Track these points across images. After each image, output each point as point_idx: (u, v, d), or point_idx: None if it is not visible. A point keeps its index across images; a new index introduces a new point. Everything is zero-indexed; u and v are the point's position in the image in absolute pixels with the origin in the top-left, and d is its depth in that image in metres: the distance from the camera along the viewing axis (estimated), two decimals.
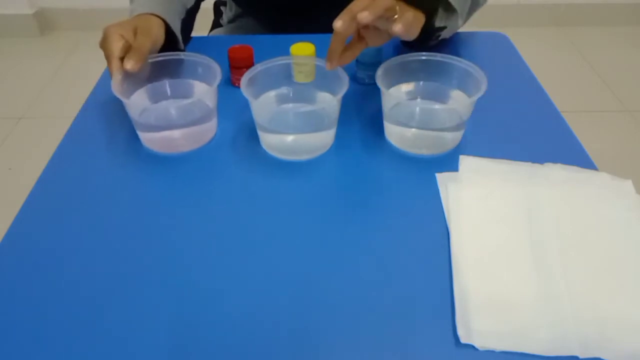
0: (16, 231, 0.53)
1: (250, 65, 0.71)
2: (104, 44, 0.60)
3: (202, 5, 0.84)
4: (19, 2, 2.06)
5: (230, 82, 0.72)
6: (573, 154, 0.60)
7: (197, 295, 0.46)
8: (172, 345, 0.43)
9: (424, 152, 0.61)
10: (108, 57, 0.59)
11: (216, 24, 1.02)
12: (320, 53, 0.64)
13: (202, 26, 1.10)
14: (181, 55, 0.64)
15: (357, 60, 0.71)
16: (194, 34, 0.82)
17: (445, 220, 0.52)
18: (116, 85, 0.57)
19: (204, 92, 0.63)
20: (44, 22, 2.14)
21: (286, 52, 0.65)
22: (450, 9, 0.65)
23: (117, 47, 0.59)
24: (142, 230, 0.52)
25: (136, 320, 0.44)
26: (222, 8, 1.00)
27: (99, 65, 0.80)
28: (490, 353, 0.42)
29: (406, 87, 0.65)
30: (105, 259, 0.50)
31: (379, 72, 0.59)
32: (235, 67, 0.70)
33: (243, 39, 0.84)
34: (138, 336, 0.43)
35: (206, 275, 0.48)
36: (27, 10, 2.09)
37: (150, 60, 0.63)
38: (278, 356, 0.42)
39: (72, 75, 1.89)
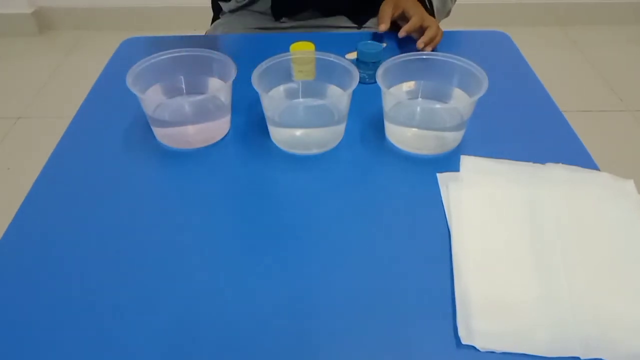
0: (15, 231, 0.52)
1: None
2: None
3: (202, 4, 0.84)
4: (17, 1, 2.06)
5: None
6: (574, 154, 0.60)
7: (205, 289, 0.46)
8: (179, 343, 0.42)
9: (425, 151, 0.61)
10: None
11: (216, 19, 1.01)
12: (320, 50, 0.64)
13: (202, 25, 1.10)
14: (197, 51, 0.64)
15: (357, 60, 0.71)
16: (193, 33, 0.82)
17: (446, 221, 0.52)
18: (130, 78, 0.58)
19: (218, 88, 0.63)
20: (42, 21, 2.13)
21: (286, 51, 0.65)
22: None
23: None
24: (151, 226, 0.52)
25: (142, 319, 0.44)
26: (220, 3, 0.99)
27: (98, 64, 0.80)
28: (492, 354, 0.42)
29: (407, 87, 0.64)
30: (108, 257, 0.49)
31: (380, 71, 0.59)
32: None
33: (243, 38, 0.84)
34: (144, 336, 0.43)
35: (215, 269, 0.48)
36: (25, 9, 2.08)
37: (166, 56, 0.63)
38: (278, 356, 0.42)
39: (70, 75, 1.89)
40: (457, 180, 0.56)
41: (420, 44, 0.75)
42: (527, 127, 0.64)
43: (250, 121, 0.65)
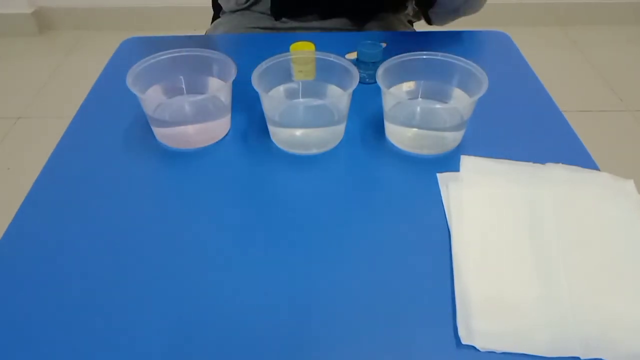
0: (15, 231, 0.52)
1: None
2: None
3: (202, 4, 0.84)
4: (17, 1, 2.06)
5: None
6: (574, 154, 0.60)
7: (205, 289, 0.46)
8: (179, 343, 0.42)
9: (425, 151, 0.61)
10: None
11: (216, 19, 1.01)
12: (320, 50, 0.64)
13: (202, 25, 1.10)
14: (197, 51, 0.64)
15: (357, 60, 0.71)
16: (193, 33, 0.82)
17: (446, 221, 0.52)
18: (130, 78, 0.58)
19: (218, 88, 0.63)
20: (42, 21, 2.13)
21: (286, 51, 0.65)
22: None
23: None
24: (151, 226, 0.52)
25: (142, 319, 0.44)
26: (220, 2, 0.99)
27: (98, 64, 0.80)
28: (492, 354, 0.42)
29: (407, 87, 0.64)
30: (108, 257, 0.49)
31: (380, 71, 0.59)
32: None
33: (243, 38, 0.84)
34: (144, 336, 0.43)
35: (215, 268, 0.48)
36: (25, 9, 2.08)
37: (166, 56, 0.63)
38: (278, 355, 0.42)
39: (70, 75, 1.89)
40: (457, 180, 0.56)
41: None
42: (527, 127, 0.64)
43: (250, 121, 0.66)
